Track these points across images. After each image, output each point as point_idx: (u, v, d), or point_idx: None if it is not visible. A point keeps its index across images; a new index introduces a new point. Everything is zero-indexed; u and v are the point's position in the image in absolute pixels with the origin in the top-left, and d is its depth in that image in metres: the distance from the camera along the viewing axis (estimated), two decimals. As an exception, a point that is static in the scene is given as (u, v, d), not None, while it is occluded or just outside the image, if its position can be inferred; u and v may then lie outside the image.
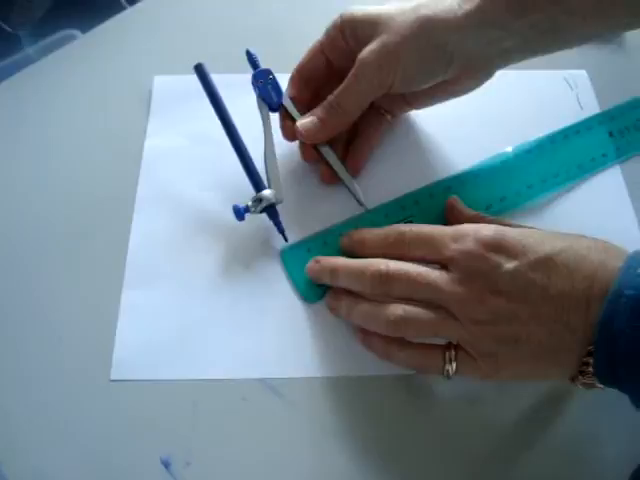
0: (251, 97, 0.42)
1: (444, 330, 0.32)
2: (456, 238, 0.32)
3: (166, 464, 0.35)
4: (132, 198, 0.44)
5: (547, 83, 0.49)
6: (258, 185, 0.40)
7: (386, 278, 0.33)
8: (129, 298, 0.40)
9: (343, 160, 0.42)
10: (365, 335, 0.36)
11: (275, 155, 0.41)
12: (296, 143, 0.43)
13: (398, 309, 0.33)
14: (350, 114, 0.38)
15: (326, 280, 0.37)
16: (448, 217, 0.39)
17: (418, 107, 0.43)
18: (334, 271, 0.36)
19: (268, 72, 0.41)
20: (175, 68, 0.49)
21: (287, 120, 0.41)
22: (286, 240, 0.40)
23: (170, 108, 0.48)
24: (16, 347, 0.39)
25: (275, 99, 0.41)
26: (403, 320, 0.32)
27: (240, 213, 0.39)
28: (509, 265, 0.30)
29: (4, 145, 0.47)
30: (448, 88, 0.39)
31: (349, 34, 0.38)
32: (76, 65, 0.51)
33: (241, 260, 0.41)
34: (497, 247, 0.31)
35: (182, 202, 0.44)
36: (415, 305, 0.33)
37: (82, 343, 0.38)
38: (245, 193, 0.40)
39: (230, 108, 0.42)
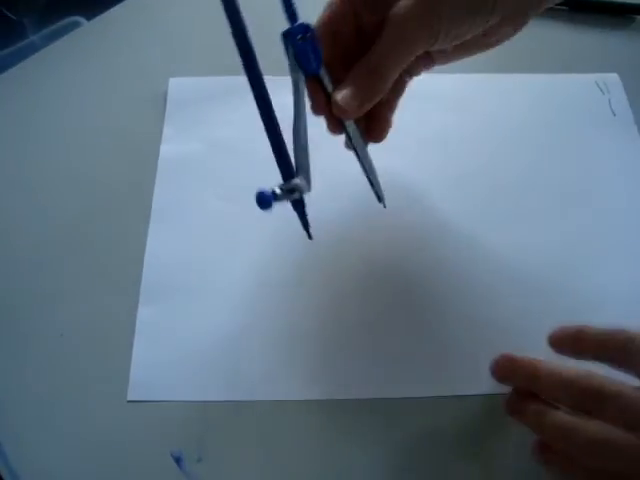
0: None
1: None
2: None
3: (177, 460, 0.34)
4: (148, 203, 0.42)
5: (577, 87, 0.47)
6: (289, 170, 0.33)
7: (599, 396, 0.29)
8: (145, 314, 0.38)
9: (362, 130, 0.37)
10: (545, 451, 0.31)
11: (307, 135, 0.33)
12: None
13: (605, 429, 0.28)
14: (390, 80, 0.33)
15: (517, 381, 0.33)
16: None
17: (443, 63, 0.38)
18: (535, 373, 0.32)
19: (307, 28, 0.32)
20: (185, 56, 0.49)
21: (319, 91, 0.34)
22: (310, 237, 0.36)
23: (186, 112, 0.46)
24: (30, 366, 0.38)
25: (314, 64, 0.32)
26: (610, 445, 0.27)
27: (268, 201, 0.31)
28: None
29: (8, 139, 0.47)
30: (481, 40, 0.34)
31: None
32: (81, 53, 0.50)
33: (263, 274, 0.40)
34: None
35: (200, 212, 0.42)
36: (626, 432, 0.28)
37: (98, 362, 0.37)
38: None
39: (241, 116, 0.38)
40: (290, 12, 0.32)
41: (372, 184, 0.39)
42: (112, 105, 0.48)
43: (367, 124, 0.37)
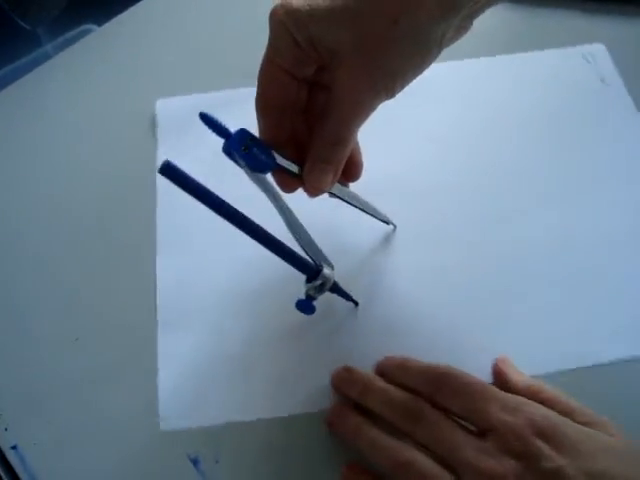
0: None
1: None
2: (506, 407, 0.30)
3: (194, 462, 0.34)
4: (152, 221, 0.42)
5: (563, 61, 0.47)
6: (310, 269, 0.33)
7: (416, 417, 0.31)
8: (166, 343, 0.38)
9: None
10: (351, 474, 0.33)
11: (301, 223, 0.33)
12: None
13: (411, 452, 0.30)
14: (353, 141, 0.32)
15: (352, 393, 0.34)
16: (497, 384, 0.35)
17: None
18: (367, 388, 0.33)
19: (245, 133, 0.30)
20: (194, 59, 0.49)
21: (284, 176, 0.32)
22: (357, 304, 0.38)
23: (178, 132, 0.45)
24: (54, 402, 0.37)
25: (269, 163, 0.30)
26: (411, 466, 0.29)
27: (310, 307, 0.34)
28: (557, 462, 0.27)
29: (20, 144, 0.47)
30: None
31: (302, 39, 0.28)
32: (92, 59, 0.51)
33: (274, 294, 0.39)
34: (548, 436, 0.28)
35: (206, 236, 0.41)
36: (431, 458, 0.30)
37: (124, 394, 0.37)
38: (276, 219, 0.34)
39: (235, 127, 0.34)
40: (218, 129, 0.29)
41: (373, 215, 0.39)
42: (120, 110, 0.48)
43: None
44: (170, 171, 0.28)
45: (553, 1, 0.50)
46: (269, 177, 0.32)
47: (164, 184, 0.41)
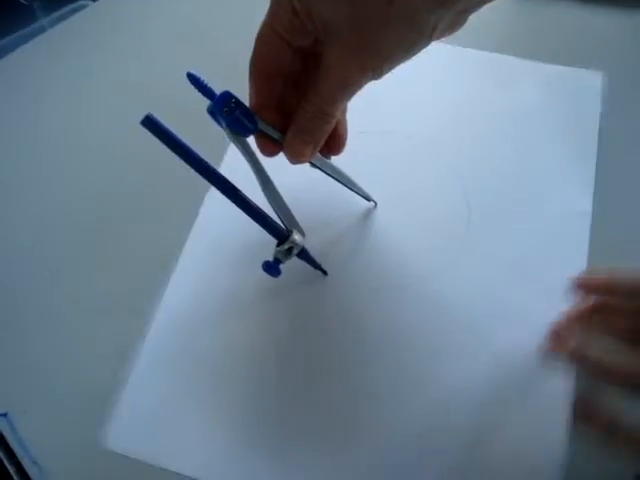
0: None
1: None
2: None
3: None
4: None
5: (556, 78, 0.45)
6: (280, 233, 0.34)
7: None
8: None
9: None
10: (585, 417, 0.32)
11: (277, 189, 0.34)
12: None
13: None
14: (337, 117, 0.32)
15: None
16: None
17: None
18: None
19: (229, 96, 0.30)
20: (190, 36, 0.49)
21: (266, 141, 0.33)
22: (325, 273, 0.38)
23: None
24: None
25: (250, 127, 0.31)
26: None
27: (276, 269, 0.34)
28: None
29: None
30: None
31: (300, 9, 0.29)
32: (86, 33, 0.51)
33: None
34: None
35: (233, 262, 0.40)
36: None
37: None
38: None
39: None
40: (203, 90, 0.30)
41: (354, 190, 0.39)
42: (112, 85, 0.48)
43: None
44: (151, 124, 0.29)
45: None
46: (250, 141, 0.32)
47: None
